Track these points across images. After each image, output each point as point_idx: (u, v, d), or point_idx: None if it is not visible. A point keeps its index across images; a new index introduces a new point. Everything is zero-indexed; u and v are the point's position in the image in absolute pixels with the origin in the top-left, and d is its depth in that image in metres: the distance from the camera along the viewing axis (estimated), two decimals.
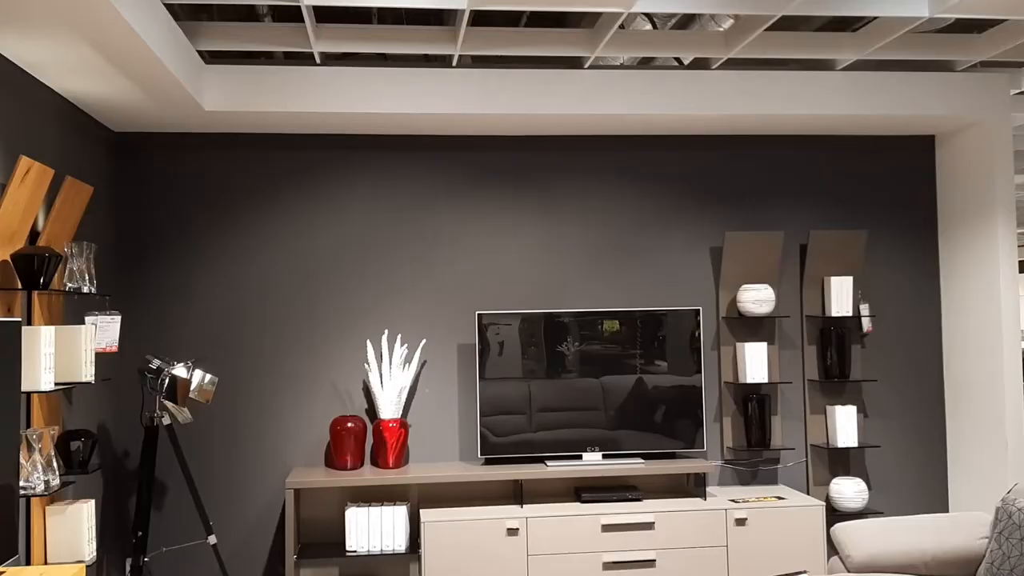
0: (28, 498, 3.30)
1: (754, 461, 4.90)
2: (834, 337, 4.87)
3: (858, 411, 4.88)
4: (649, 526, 4.33)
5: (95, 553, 3.58)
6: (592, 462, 4.55)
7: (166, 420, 4.17)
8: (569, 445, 4.59)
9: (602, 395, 4.64)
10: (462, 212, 4.80)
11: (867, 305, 4.93)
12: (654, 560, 4.31)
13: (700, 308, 4.71)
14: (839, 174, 5.04)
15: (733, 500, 4.50)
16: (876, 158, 5.07)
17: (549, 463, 4.52)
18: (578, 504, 4.44)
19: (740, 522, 4.36)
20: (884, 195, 5.07)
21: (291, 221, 4.70)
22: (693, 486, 4.66)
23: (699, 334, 4.68)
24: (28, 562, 3.35)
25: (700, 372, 4.68)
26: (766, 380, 4.74)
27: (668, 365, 4.68)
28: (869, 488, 4.87)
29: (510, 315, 4.62)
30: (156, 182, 4.64)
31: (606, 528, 4.31)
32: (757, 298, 4.73)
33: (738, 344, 4.83)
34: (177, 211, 4.64)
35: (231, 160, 4.68)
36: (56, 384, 3.33)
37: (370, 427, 4.64)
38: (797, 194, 5.01)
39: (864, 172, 5.06)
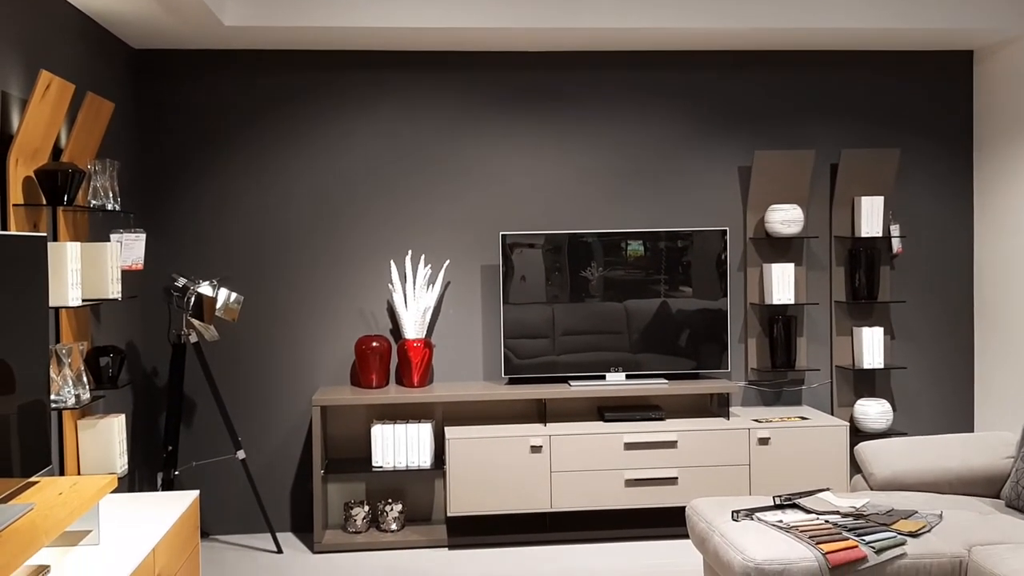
0: (60, 412, 3.36)
1: (778, 382, 4.89)
2: (863, 258, 4.80)
3: (885, 333, 4.84)
4: (671, 445, 4.35)
5: (126, 466, 3.66)
6: (615, 382, 4.56)
7: (193, 338, 4.21)
8: (592, 367, 4.60)
9: (626, 319, 4.62)
10: (487, 132, 4.74)
11: (897, 226, 4.84)
12: (676, 478, 4.35)
13: (727, 229, 4.65)
14: (873, 92, 4.91)
15: (756, 420, 4.51)
16: (911, 75, 4.92)
17: (572, 383, 4.54)
18: (601, 423, 4.47)
19: (763, 441, 4.37)
20: (919, 113, 4.94)
21: (315, 140, 4.65)
22: (716, 406, 4.67)
23: (725, 256, 4.63)
24: (62, 473, 3.43)
25: (726, 295, 4.64)
26: (792, 301, 4.70)
27: (693, 288, 4.64)
28: (894, 409, 4.85)
29: (534, 236, 4.59)
30: (177, 100, 4.60)
31: (629, 446, 4.34)
32: (785, 218, 4.66)
33: (765, 265, 4.78)
34: (199, 129, 4.61)
35: (252, 78, 4.62)
36: (83, 300, 3.35)
37: (395, 347, 4.66)
38: (829, 112, 4.89)
39: (899, 90, 4.92)
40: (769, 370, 4.81)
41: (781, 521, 3.10)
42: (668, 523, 4.42)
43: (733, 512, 3.19)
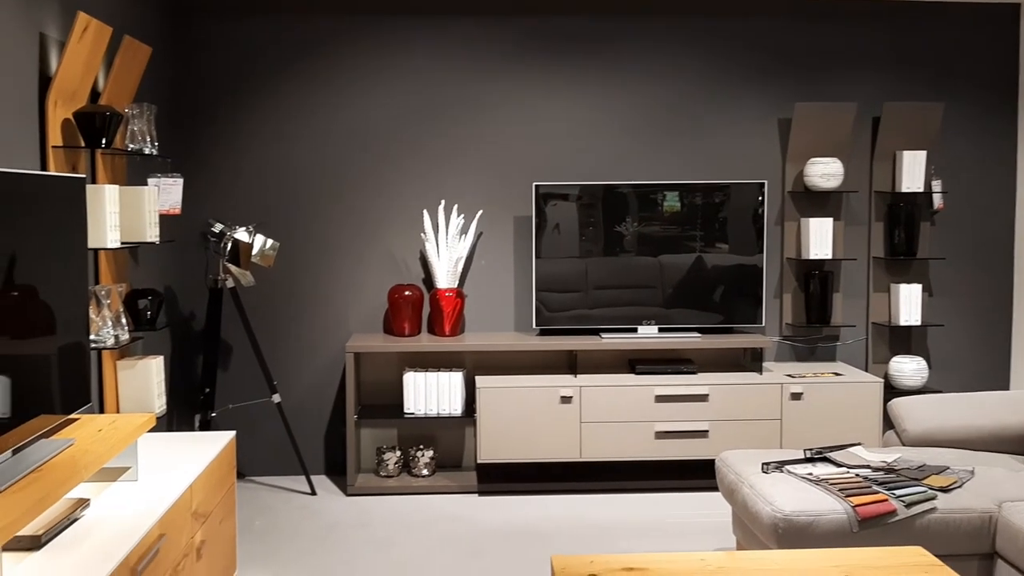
0: (99, 352, 3.43)
1: (813, 338, 4.85)
2: (903, 214, 4.72)
3: (923, 290, 4.77)
4: (703, 398, 4.35)
5: (165, 407, 3.73)
6: (648, 335, 4.55)
7: (229, 283, 4.26)
8: (624, 319, 4.59)
9: (660, 273, 4.60)
10: (523, 80, 4.69)
11: (939, 182, 4.75)
12: (707, 431, 4.35)
13: (765, 182, 4.59)
14: (918, 45, 4.78)
15: (789, 375, 4.49)
16: (957, 28, 4.78)
17: (604, 335, 4.54)
18: (632, 375, 4.47)
19: (796, 396, 4.35)
20: (964, 68, 4.81)
21: (349, 86, 4.64)
22: (749, 361, 4.64)
23: (763, 209, 4.58)
24: (101, 412, 3.51)
25: (762, 251, 4.59)
26: (830, 256, 4.64)
27: (729, 243, 4.60)
28: (929, 367, 4.80)
29: (568, 187, 4.56)
30: (213, 44, 4.60)
31: (660, 399, 4.34)
32: (825, 172, 4.59)
33: (803, 219, 4.72)
34: (235, 74, 4.61)
35: (288, 22, 4.61)
36: (122, 243, 3.40)
37: (427, 296, 4.69)
38: (872, 65, 4.77)
39: (944, 43, 4.79)
40: (804, 326, 4.77)
41: (811, 474, 3.10)
42: (697, 476, 4.43)
43: (763, 464, 3.19)
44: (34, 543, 2.24)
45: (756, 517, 2.98)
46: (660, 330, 4.58)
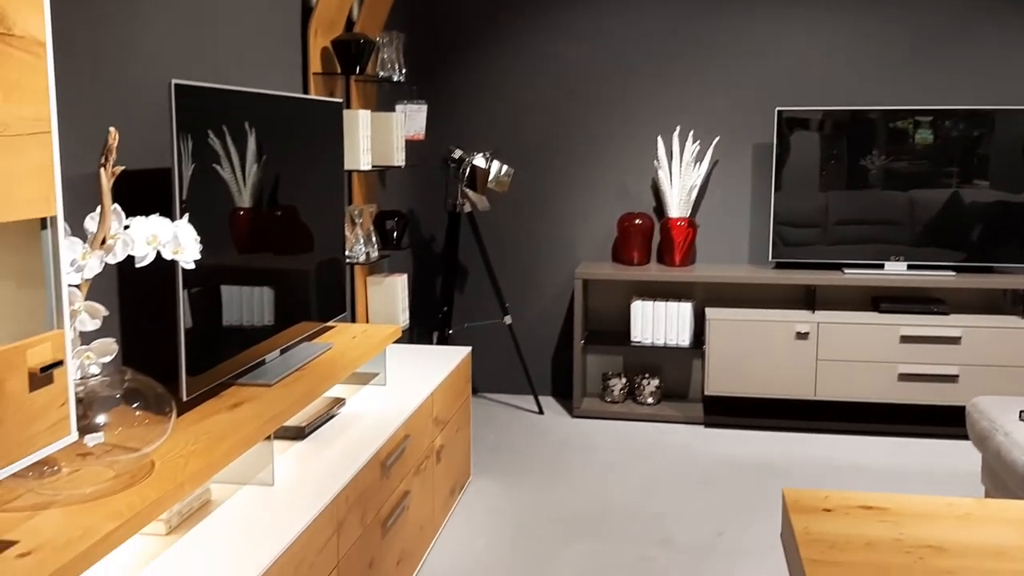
0: (351, 267, 3.69)
1: None
2: None
3: None
4: (954, 340, 4.04)
5: (407, 321, 3.97)
6: (895, 271, 4.27)
7: (467, 208, 4.42)
8: (868, 254, 4.33)
9: (909, 209, 4.28)
10: None
11: None
12: (957, 376, 4.05)
13: None
14: None
15: None
16: None
17: (846, 271, 4.31)
18: (875, 313, 4.23)
19: None
20: None
21: (585, 14, 4.61)
22: (1010, 303, 4.25)
23: None
24: (353, 320, 3.79)
25: None
26: None
27: (991, 177, 4.19)
28: None
29: (812, 111, 4.32)
30: None
31: (905, 339, 4.08)
32: None
33: None
34: (476, 6, 4.70)
35: None
36: (372, 166, 3.61)
37: (657, 225, 4.64)
38: None
39: None
40: None
41: None
42: (939, 422, 4.16)
43: (1021, 411, 2.94)
44: (299, 433, 2.48)
45: (1011, 467, 2.75)
46: (909, 267, 4.29)
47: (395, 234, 3.93)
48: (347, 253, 3.50)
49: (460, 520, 3.27)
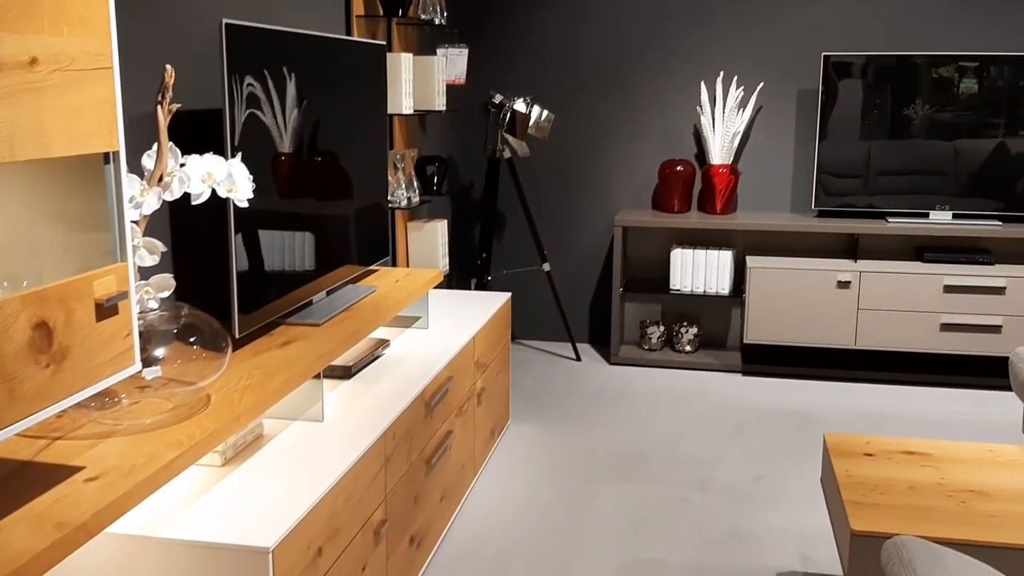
0: (393, 212, 3.71)
1: None
2: None
3: None
4: (999, 291, 4.00)
5: (447, 267, 3.99)
6: (940, 220, 4.21)
7: (507, 153, 4.41)
8: (913, 204, 4.27)
9: (954, 159, 4.20)
10: None
11: None
12: (1000, 326, 4.01)
13: None
14: None
15: None
16: None
17: (890, 220, 4.25)
18: (918, 263, 4.18)
19: None
20: None
21: None
22: None
23: None
24: (395, 264, 3.82)
25: None
26: None
27: None
28: None
29: (860, 56, 4.23)
30: None
31: (948, 289, 4.04)
32: None
33: None
34: None
35: None
36: (414, 110, 3.60)
37: (699, 172, 4.60)
38: None
39: None
40: None
41: None
42: (982, 372, 4.13)
43: None
44: (345, 372, 2.53)
45: None
46: (954, 216, 4.22)
47: (435, 179, 3.94)
48: (389, 197, 3.52)
49: (499, 461, 3.33)
